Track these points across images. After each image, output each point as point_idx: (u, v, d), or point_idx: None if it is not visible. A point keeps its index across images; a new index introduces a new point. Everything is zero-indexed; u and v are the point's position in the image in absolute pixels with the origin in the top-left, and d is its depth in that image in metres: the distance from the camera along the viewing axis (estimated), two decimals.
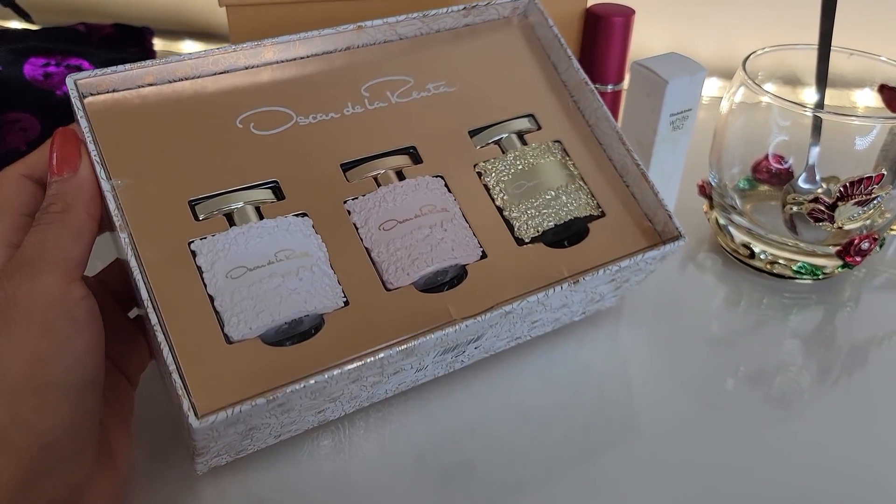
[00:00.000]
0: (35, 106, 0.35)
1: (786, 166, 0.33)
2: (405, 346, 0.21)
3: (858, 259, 0.31)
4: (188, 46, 0.52)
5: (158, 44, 0.49)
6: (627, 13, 0.37)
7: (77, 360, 0.19)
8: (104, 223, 0.23)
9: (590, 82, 0.28)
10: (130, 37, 0.42)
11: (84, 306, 0.20)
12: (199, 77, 0.25)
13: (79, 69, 0.37)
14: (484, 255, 0.25)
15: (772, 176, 0.34)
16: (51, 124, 0.35)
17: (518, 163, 0.27)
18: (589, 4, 0.37)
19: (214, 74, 0.25)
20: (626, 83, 0.36)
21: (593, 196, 0.27)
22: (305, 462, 0.25)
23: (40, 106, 0.35)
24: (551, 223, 0.25)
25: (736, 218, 0.33)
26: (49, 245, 0.20)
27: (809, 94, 0.33)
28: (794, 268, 0.33)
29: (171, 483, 0.24)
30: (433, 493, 0.24)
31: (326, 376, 0.20)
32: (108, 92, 0.24)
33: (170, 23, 0.52)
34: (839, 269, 0.33)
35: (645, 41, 0.46)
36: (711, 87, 0.49)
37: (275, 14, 0.33)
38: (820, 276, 0.33)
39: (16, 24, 0.49)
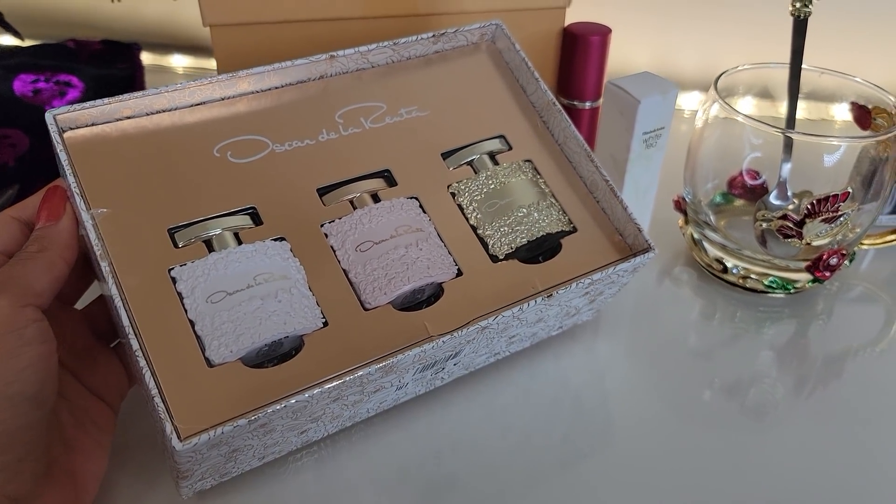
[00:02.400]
0: (24, 122, 0.36)
1: (760, 181, 0.34)
2: (384, 363, 0.22)
3: (828, 274, 0.32)
4: (177, 60, 0.53)
5: (147, 58, 0.49)
6: (604, 32, 0.38)
7: (17, 374, 0.20)
8: (89, 270, 0.24)
9: (557, 103, 0.29)
10: (119, 53, 0.43)
11: (35, 328, 0.20)
12: (176, 109, 0.26)
13: (68, 85, 0.38)
14: (460, 273, 0.25)
15: (746, 191, 0.34)
16: (40, 140, 0.36)
17: (490, 182, 0.27)
18: (567, 23, 0.38)
19: (191, 106, 0.26)
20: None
21: (564, 212, 0.28)
22: (290, 483, 0.25)
23: (29, 122, 0.36)
24: (524, 240, 0.26)
25: (709, 233, 0.34)
26: (13, 275, 0.21)
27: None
28: (766, 282, 0.33)
29: None
30: None
31: (307, 395, 0.21)
32: (87, 126, 0.24)
33: (158, 36, 0.52)
34: (810, 284, 0.33)
35: (628, 56, 0.47)
36: (692, 101, 0.50)
37: (258, 33, 0.34)
38: (792, 291, 0.34)
39: (5, 41, 0.50)
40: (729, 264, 0.34)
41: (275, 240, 0.24)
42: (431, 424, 0.27)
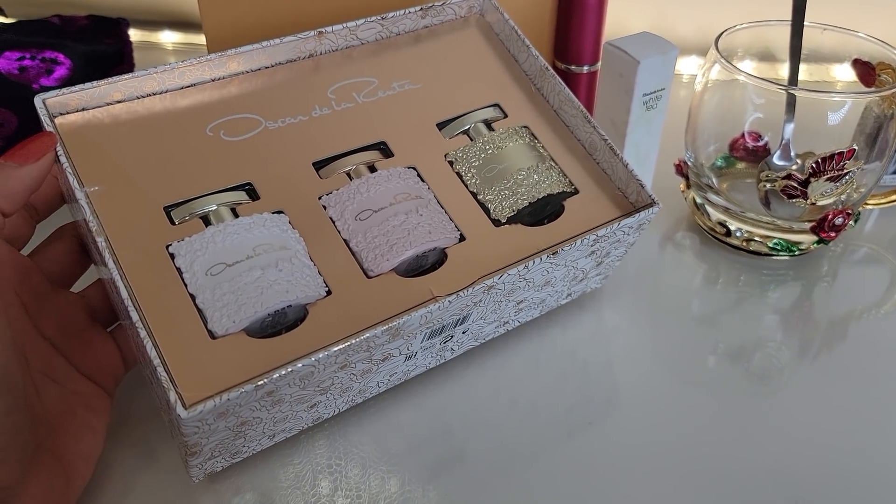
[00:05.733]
0: (11, 100, 0.35)
1: (762, 143, 0.34)
2: (390, 324, 0.21)
3: (833, 234, 0.32)
4: (166, 36, 0.52)
5: (136, 34, 0.48)
6: None
7: None
8: (84, 256, 0.24)
9: (550, 68, 0.29)
10: (106, 28, 0.42)
11: None
12: (167, 92, 0.25)
13: (54, 62, 0.37)
14: (462, 239, 0.25)
15: (749, 153, 0.34)
16: (27, 118, 0.35)
17: (487, 148, 0.27)
18: None
19: (182, 88, 0.26)
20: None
21: (564, 174, 0.27)
22: (301, 460, 0.25)
23: (16, 100, 0.35)
24: (525, 201, 0.26)
25: (712, 197, 0.34)
26: None
27: (787, 70, 0.33)
28: (770, 244, 0.33)
29: (167, 491, 0.24)
30: (427, 482, 0.24)
31: (313, 359, 0.20)
32: (77, 111, 0.24)
33: (148, 13, 0.51)
34: (815, 245, 0.33)
35: (625, 19, 0.46)
36: (691, 64, 0.49)
37: (247, 3, 0.33)
38: (796, 252, 0.33)
39: None
40: (732, 227, 0.33)
41: (273, 213, 0.24)
42: (441, 399, 0.27)
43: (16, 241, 0.23)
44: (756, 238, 0.33)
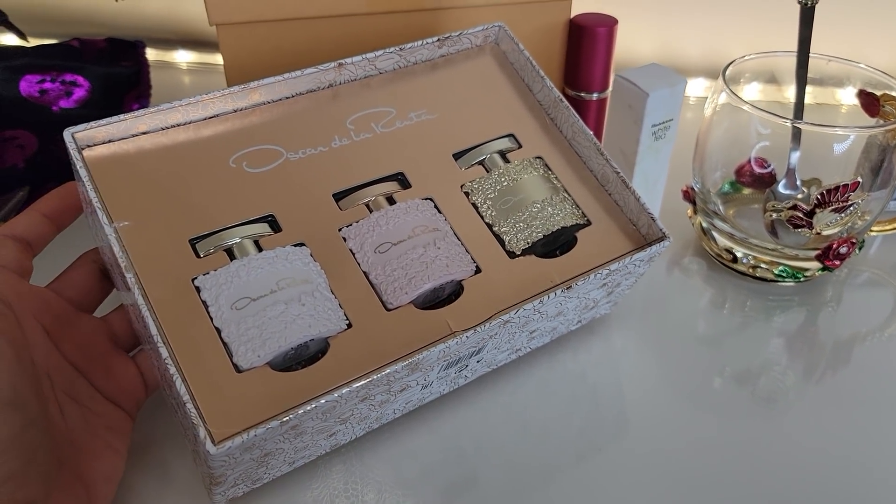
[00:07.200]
0: (32, 122, 0.36)
1: (768, 170, 0.34)
2: (409, 360, 0.22)
3: (838, 263, 0.32)
4: (181, 56, 0.52)
5: (151, 54, 0.49)
6: (610, 23, 0.38)
7: None
8: (107, 281, 0.25)
9: (564, 99, 0.29)
10: (123, 51, 0.43)
11: None
12: (191, 123, 0.26)
13: (74, 84, 0.38)
14: (478, 270, 0.26)
15: (755, 179, 0.35)
16: (48, 140, 0.36)
17: (503, 179, 0.28)
18: (573, 15, 0.38)
19: (206, 119, 0.26)
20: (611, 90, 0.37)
21: (578, 206, 0.28)
22: (318, 486, 0.25)
23: (37, 122, 0.36)
24: (540, 234, 0.26)
25: (719, 223, 0.34)
26: None
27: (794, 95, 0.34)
28: (776, 271, 0.33)
29: None
30: None
31: (336, 395, 0.21)
32: (104, 143, 0.25)
33: (163, 32, 0.52)
34: (820, 272, 0.33)
35: (632, 44, 0.47)
36: (698, 87, 0.50)
37: (264, 31, 0.34)
38: (801, 279, 0.34)
39: (9, 41, 0.49)
40: (738, 254, 0.34)
41: (294, 245, 0.25)
42: (455, 423, 0.27)
43: (23, 275, 0.24)
44: (762, 265, 0.34)
